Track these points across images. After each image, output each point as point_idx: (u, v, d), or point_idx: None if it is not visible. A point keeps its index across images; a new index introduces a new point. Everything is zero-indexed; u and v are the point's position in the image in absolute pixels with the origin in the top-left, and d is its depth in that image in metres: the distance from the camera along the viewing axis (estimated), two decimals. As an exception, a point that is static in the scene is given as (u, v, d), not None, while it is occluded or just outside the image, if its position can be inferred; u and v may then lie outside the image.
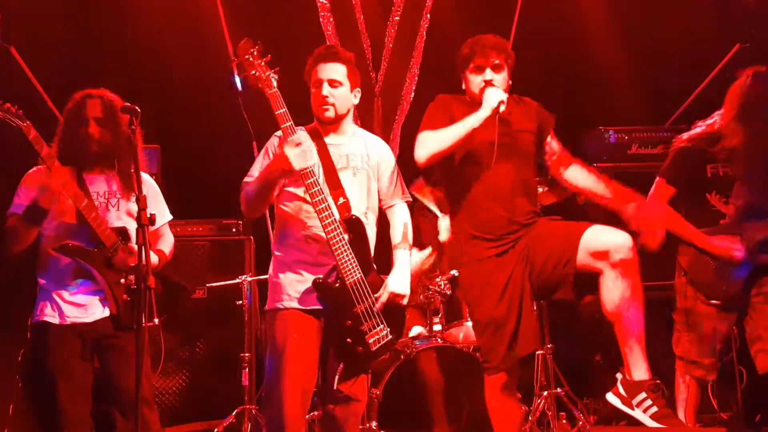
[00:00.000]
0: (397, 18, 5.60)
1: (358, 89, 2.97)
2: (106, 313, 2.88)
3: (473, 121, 2.77)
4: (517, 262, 2.80)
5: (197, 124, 4.99)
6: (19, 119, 2.76)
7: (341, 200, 2.80)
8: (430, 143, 2.84)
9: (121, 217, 2.97)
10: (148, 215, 2.49)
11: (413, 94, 5.57)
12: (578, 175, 3.06)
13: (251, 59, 2.73)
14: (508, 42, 3.10)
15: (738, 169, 3.22)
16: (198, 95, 4.66)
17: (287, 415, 2.66)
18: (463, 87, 3.04)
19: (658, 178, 3.35)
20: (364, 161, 2.93)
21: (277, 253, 2.90)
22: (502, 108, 2.77)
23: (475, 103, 2.90)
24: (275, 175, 2.74)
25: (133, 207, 2.97)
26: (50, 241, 2.90)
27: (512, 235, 2.84)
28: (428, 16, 5.61)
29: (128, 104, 2.72)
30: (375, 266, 2.88)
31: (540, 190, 4.11)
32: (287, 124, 2.72)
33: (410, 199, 3.10)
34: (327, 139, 2.91)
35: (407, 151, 5.38)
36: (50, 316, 2.87)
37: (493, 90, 2.83)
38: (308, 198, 2.74)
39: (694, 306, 3.28)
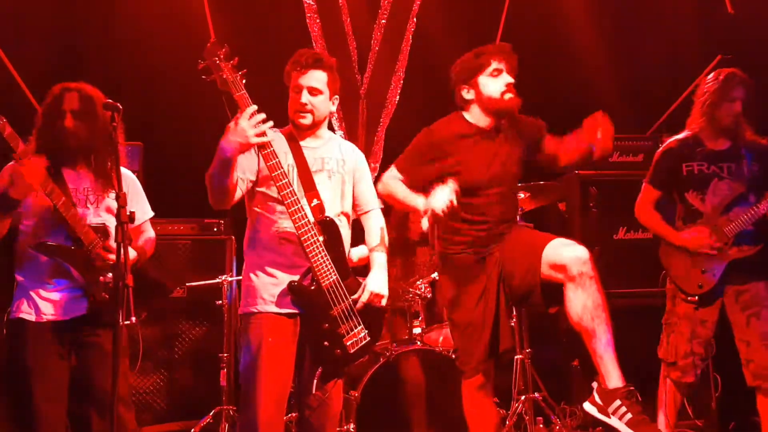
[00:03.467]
0: (383, 21, 5.61)
1: (337, 96, 2.94)
2: (84, 310, 2.84)
3: (413, 203, 2.86)
4: (493, 267, 2.89)
5: (180, 121, 4.96)
6: None
7: (315, 202, 2.76)
8: (389, 190, 2.96)
9: (101, 214, 2.94)
10: (128, 213, 2.48)
11: (398, 97, 5.58)
12: (564, 149, 2.98)
13: (218, 62, 2.65)
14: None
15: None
16: (182, 93, 4.64)
17: (262, 420, 2.63)
18: (467, 96, 2.97)
19: (644, 184, 3.60)
20: (339, 165, 2.91)
21: (249, 253, 2.86)
22: (425, 227, 2.80)
23: (487, 108, 2.92)
24: (232, 150, 2.57)
25: (113, 203, 2.92)
26: (28, 238, 2.86)
27: (491, 243, 2.92)
28: (415, 19, 5.63)
29: (110, 101, 2.70)
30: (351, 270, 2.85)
31: (521, 195, 4.15)
32: (241, 92, 2.64)
33: (383, 206, 3.09)
34: (302, 143, 2.88)
35: (391, 154, 5.43)
36: (27, 313, 2.83)
37: (439, 193, 2.73)
38: (281, 198, 2.69)
39: (674, 307, 3.44)
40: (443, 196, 2.72)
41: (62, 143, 2.88)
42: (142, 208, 3.12)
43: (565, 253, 2.70)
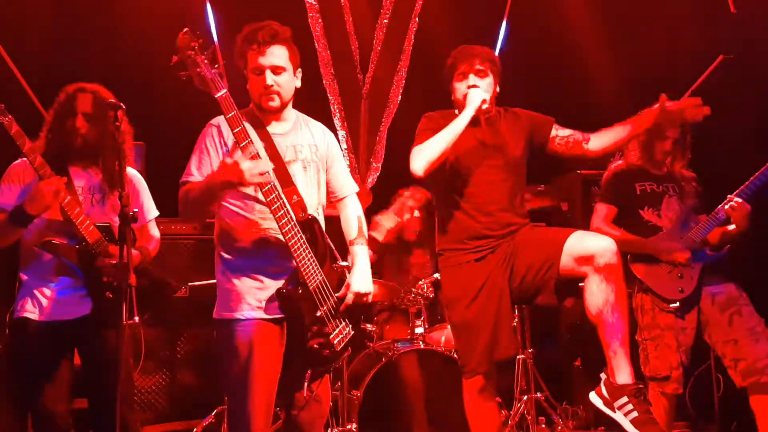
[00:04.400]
0: (385, 21, 5.61)
1: (300, 69, 2.71)
2: (88, 310, 2.84)
3: (460, 122, 2.84)
4: (495, 267, 2.84)
5: (183, 121, 4.95)
6: (1, 114, 2.73)
7: (295, 198, 2.60)
8: (422, 153, 2.85)
9: (106, 213, 2.95)
10: (131, 213, 2.48)
11: (400, 97, 5.58)
12: (601, 140, 2.98)
13: (193, 55, 2.41)
14: (495, 50, 3.15)
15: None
16: (184, 92, 4.62)
17: (254, 430, 2.54)
18: (452, 99, 3.07)
19: (597, 203, 3.59)
20: (312, 152, 2.73)
21: (226, 256, 2.65)
22: (485, 106, 2.86)
23: (460, 111, 2.96)
24: (223, 187, 2.47)
25: (117, 202, 2.95)
26: (33, 237, 2.86)
27: (492, 241, 2.88)
28: (417, 19, 5.64)
29: (113, 100, 2.72)
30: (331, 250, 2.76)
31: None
32: (239, 128, 2.44)
33: (358, 189, 2.95)
34: (270, 128, 2.67)
35: (393, 154, 5.44)
36: (30, 312, 2.83)
37: (474, 90, 2.89)
38: (263, 199, 2.52)
39: (654, 319, 3.37)
40: (478, 92, 2.85)
41: (70, 143, 2.89)
42: (147, 208, 3.11)
43: (592, 243, 2.68)
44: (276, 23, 2.68)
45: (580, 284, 2.76)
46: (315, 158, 2.74)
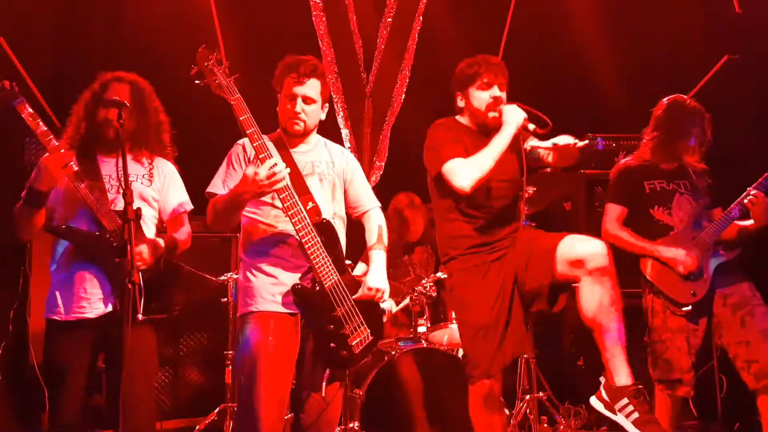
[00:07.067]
0: (390, 19, 5.61)
1: (327, 104, 2.95)
2: (110, 307, 2.75)
3: (504, 140, 2.81)
4: (509, 268, 2.85)
5: (186, 120, 4.95)
6: (14, 96, 2.69)
7: (310, 204, 2.77)
8: (470, 171, 2.78)
9: (133, 199, 2.90)
10: (135, 209, 2.47)
11: (404, 96, 5.59)
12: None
13: (210, 66, 2.66)
14: (499, 49, 3.15)
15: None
16: (187, 91, 4.63)
17: (264, 424, 2.59)
18: (461, 104, 3.05)
19: (607, 203, 3.54)
20: (329, 168, 2.92)
21: (246, 258, 2.84)
22: (531, 126, 2.83)
23: (475, 121, 2.99)
24: (246, 197, 2.64)
25: (146, 191, 2.91)
26: (59, 225, 2.80)
27: (507, 241, 2.90)
28: (421, 18, 5.64)
29: (117, 98, 2.71)
30: (349, 268, 2.85)
31: (529, 192, 4.15)
32: (251, 129, 2.64)
33: (380, 204, 3.08)
34: (292, 150, 2.89)
35: (396, 153, 5.44)
36: (56, 313, 2.77)
37: (513, 108, 2.85)
38: (279, 204, 2.69)
39: (665, 322, 3.34)
40: (518, 109, 2.81)
41: (101, 133, 2.85)
42: (184, 200, 3.07)
43: (583, 247, 2.67)
44: (315, 59, 2.92)
45: (573, 285, 2.76)
46: (332, 173, 2.93)
